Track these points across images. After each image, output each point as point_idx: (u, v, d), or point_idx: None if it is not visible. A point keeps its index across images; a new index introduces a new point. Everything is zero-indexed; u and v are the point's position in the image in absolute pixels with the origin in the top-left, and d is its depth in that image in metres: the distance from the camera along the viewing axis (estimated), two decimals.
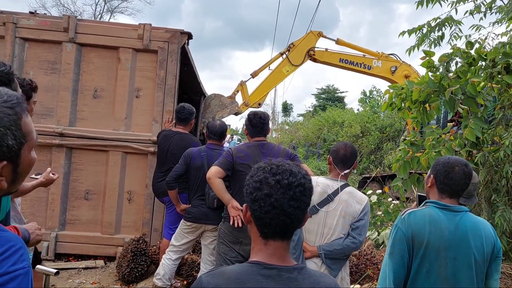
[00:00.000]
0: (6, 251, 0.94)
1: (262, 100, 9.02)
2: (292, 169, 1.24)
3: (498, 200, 3.96)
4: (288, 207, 1.19)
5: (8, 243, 0.96)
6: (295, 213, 1.21)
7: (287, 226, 1.23)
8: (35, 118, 5.05)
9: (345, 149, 2.81)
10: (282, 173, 1.22)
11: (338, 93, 39.67)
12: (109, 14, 28.45)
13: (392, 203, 5.92)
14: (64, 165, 5.02)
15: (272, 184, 1.21)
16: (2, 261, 0.92)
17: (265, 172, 1.24)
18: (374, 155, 17.24)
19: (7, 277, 0.91)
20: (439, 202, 2.08)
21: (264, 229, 1.24)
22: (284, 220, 1.21)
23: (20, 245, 0.98)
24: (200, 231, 3.87)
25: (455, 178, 2.05)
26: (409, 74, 8.85)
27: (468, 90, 3.58)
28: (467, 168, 2.06)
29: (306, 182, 1.24)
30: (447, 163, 2.10)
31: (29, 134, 1.08)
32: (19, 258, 0.95)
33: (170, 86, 5.05)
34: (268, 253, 1.24)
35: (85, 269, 4.82)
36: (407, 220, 2.06)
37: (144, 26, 5.05)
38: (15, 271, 0.93)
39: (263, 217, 1.22)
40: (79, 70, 5.14)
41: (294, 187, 1.20)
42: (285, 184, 1.20)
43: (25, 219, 4.95)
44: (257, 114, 3.52)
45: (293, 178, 1.22)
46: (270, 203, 1.20)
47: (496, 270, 2.08)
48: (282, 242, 1.25)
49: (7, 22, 4.94)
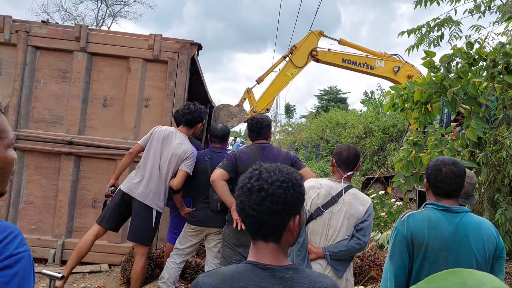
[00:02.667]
0: (6, 237, 1.00)
1: (270, 105, 9.07)
2: (263, 174, 1.25)
3: (501, 199, 3.96)
4: (251, 210, 1.22)
5: (6, 229, 1.02)
6: (260, 217, 1.21)
7: (258, 229, 1.24)
8: (44, 126, 5.12)
9: (348, 151, 2.83)
10: (251, 177, 1.25)
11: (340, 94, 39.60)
12: (111, 19, 28.62)
13: (395, 204, 5.91)
14: (72, 173, 5.07)
15: (240, 186, 1.27)
16: (5, 246, 0.99)
17: (242, 175, 1.30)
18: (377, 156, 17.21)
19: (13, 259, 0.98)
20: (438, 204, 2.08)
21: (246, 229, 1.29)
22: (252, 222, 1.24)
23: (18, 231, 1.05)
24: (204, 234, 3.89)
25: (444, 179, 2.06)
26: (412, 74, 8.84)
27: (469, 90, 3.59)
28: (456, 167, 2.07)
29: (270, 188, 1.21)
30: (435, 166, 2.11)
31: (4, 132, 1.11)
32: (20, 242, 1.02)
33: (179, 96, 5.09)
34: (259, 253, 1.26)
35: (90, 273, 4.84)
36: (406, 222, 2.07)
37: (154, 36, 5.11)
38: (19, 253, 1.00)
39: (240, 217, 1.28)
40: (89, 79, 5.20)
41: (255, 191, 1.22)
42: (247, 187, 1.24)
43: (33, 226, 5.03)
44: (254, 118, 3.65)
45: (256, 182, 1.23)
46: (238, 205, 1.26)
47: (499, 270, 2.07)
48: (266, 243, 1.26)
49: (19, 30, 5.01)
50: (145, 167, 3.84)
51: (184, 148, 3.83)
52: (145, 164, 3.86)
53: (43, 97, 5.17)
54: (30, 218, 5.09)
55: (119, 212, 3.91)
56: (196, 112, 3.95)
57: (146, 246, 3.88)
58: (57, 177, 5.10)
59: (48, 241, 5.02)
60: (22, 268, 1.00)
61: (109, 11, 28.32)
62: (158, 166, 3.82)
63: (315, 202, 2.73)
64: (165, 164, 3.81)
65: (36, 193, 5.11)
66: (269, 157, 3.48)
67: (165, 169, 3.82)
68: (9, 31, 5.02)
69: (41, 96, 5.16)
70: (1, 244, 0.99)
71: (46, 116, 5.17)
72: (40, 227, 5.10)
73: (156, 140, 3.87)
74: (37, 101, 5.16)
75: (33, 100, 5.15)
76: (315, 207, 2.73)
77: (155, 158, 3.83)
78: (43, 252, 4.97)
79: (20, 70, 5.01)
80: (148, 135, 3.94)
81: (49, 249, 5.00)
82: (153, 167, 3.82)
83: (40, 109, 5.16)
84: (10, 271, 0.97)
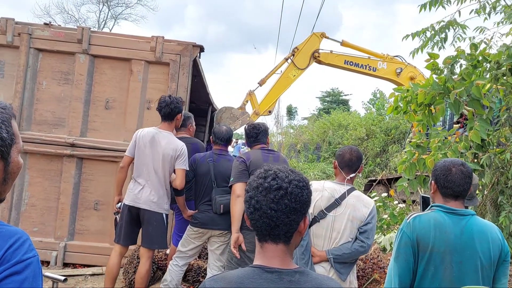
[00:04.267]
0: (15, 242, 1.01)
1: (272, 107, 9.07)
2: (279, 173, 1.27)
3: (505, 202, 3.94)
4: (268, 209, 1.23)
5: (15, 235, 1.03)
6: (277, 216, 1.23)
7: (272, 229, 1.25)
8: (47, 128, 5.12)
9: (350, 154, 2.83)
10: (266, 177, 1.26)
11: (342, 96, 39.56)
12: (113, 21, 28.68)
13: (398, 206, 5.89)
14: (74, 175, 5.07)
15: (254, 186, 1.27)
16: (14, 251, 0.99)
17: (254, 176, 1.31)
18: (379, 158, 17.18)
19: (22, 265, 0.98)
20: (445, 206, 2.08)
21: (255, 231, 1.29)
22: (267, 222, 1.24)
23: (26, 236, 1.05)
24: (206, 237, 3.88)
25: (454, 179, 2.06)
26: (415, 76, 8.83)
27: (472, 92, 3.58)
28: (464, 168, 2.07)
29: (289, 187, 1.24)
30: (444, 166, 2.11)
31: (17, 137, 1.14)
32: (28, 247, 1.03)
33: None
34: (267, 256, 1.26)
35: (92, 276, 4.84)
36: (412, 224, 2.07)
37: (156, 38, 5.11)
38: (28, 259, 1.00)
39: (250, 219, 1.28)
40: (91, 81, 5.20)
41: (274, 190, 1.23)
42: (265, 187, 1.24)
43: (35, 228, 5.04)
44: (251, 125, 3.84)
45: (274, 181, 1.24)
46: (253, 205, 1.25)
47: (504, 274, 2.07)
48: (276, 245, 1.26)
49: (22, 32, 5.02)
50: (141, 176, 3.83)
51: (174, 147, 3.81)
52: (139, 173, 3.84)
53: (45, 99, 5.17)
54: (32, 221, 5.09)
55: (131, 226, 3.92)
56: (173, 103, 3.88)
57: (153, 250, 3.93)
58: (59, 179, 5.09)
59: (50, 244, 5.02)
60: (31, 273, 1.00)
61: (111, 13, 28.42)
62: (153, 170, 3.80)
63: (318, 205, 2.72)
64: (159, 167, 3.80)
65: (38, 196, 5.11)
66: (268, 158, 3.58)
67: (161, 172, 3.81)
68: (11, 33, 5.03)
69: (43, 98, 5.17)
70: (10, 250, 0.99)
71: (48, 118, 5.17)
72: (42, 229, 5.10)
73: (143, 145, 3.84)
74: (39, 103, 5.16)
75: (35, 102, 5.16)
76: (318, 210, 2.72)
77: (148, 164, 3.81)
78: (45, 254, 4.96)
79: (22, 72, 5.02)
80: (133, 143, 3.91)
81: (51, 251, 4.99)
82: (149, 173, 3.80)
83: (42, 111, 5.16)
84: (19, 277, 0.97)
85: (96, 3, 27.74)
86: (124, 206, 3.89)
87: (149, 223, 3.81)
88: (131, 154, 3.91)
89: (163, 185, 3.85)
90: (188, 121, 4.46)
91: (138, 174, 3.85)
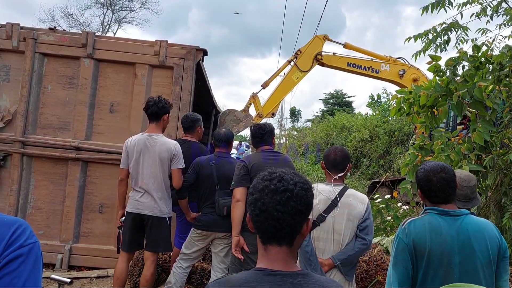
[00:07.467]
0: (17, 229, 1.07)
1: (275, 109, 9.09)
2: (284, 176, 1.28)
3: (508, 203, 3.94)
4: (274, 211, 1.23)
5: (15, 223, 1.09)
6: (283, 218, 1.23)
7: (277, 231, 1.25)
8: (52, 132, 5.16)
9: (335, 154, 2.84)
10: (272, 179, 1.27)
11: (346, 97, 39.54)
12: (117, 25, 28.78)
13: (402, 208, 5.88)
14: (79, 178, 5.10)
15: (260, 189, 1.27)
16: (17, 238, 1.05)
17: (259, 178, 1.31)
18: (383, 160, 17.15)
19: (25, 249, 1.05)
20: (438, 208, 2.09)
21: (259, 234, 1.29)
22: (273, 224, 1.24)
23: (26, 224, 1.11)
24: (210, 239, 3.89)
25: (436, 188, 2.07)
26: (418, 78, 8.82)
27: (475, 93, 3.58)
28: (446, 174, 2.07)
29: (295, 189, 1.25)
30: (424, 176, 2.13)
31: None
32: (29, 234, 1.09)
33: (185, 102, 5.11)
34: (270, 259, 1.27)
35: (97, 278, 4.86)
36: (407, 229, 2.08)
37: (160, 42, 5.14)
38: (30, 244, 1.07)
39: (255, 221, 1.28)
40: (96, 85, 5.24)
41: (280, 192, 1.24)
42: (272, 189, 1.25)
43: (41, 231, 5.07)
44: (257, 125, 3.83)
45: (280, 183, 1.25)
46: (259, 207, 1.25)
47: (504, 270, 2.07)
48: (280, 247, 1.27)
49: (27, 37, 5.07)
50: (139, 183, 3.84)
51: (167, 148, 3.83)
52: (136, 181, 3.86)
53: (50, 103, 5.21)
54: (38, 224, 5.12)
55: (136, 232, 3.93)
56: (161, 102, 3.88)
57: (158, 253, 3.97)
58: (64, 183, 5.13)
59: (55, 246, 5.05)
60: (32, 257, 1.06)
61: (115, 17, 28.51)
62: (151, 177, 3.82)
63: (316, 209, 2.72)
64: (157, 172, 3.82)
65: (44, 199, 5.15)
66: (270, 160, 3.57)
67: (159, 177, 3.83)
68: (17, 38, 5.08)
69: (48, 102, 5.21)
70: (13, 236, 1.05)
71: (54, 122, 5.21)
72: (48, 232, 5.13)
73: (136, 154, 3.84)
74: (45, 107, 5.21)
75: (41, 106, 5.20)
76: (317, 214, 2.73)
77: (144, 171, 3.82)
78: (50, 257, 4.99)
79: (28, 77, 5.06)
80: (125, 155, 3.92)
81: (57, 254, 5.02)
82: (147, 180, 3.82)
83: (47, 115, 5.20)
84: (23, 258, 1.04)
85: (100, 7, 27.87)
86: (127, 214, 3.90)
87: (153, 227, 3.84)
88: (125, 166, 3.92)
89: (163, 189, 3.87)
90: (197, 124, 4.45)
91: (136, 183, 3.86)
